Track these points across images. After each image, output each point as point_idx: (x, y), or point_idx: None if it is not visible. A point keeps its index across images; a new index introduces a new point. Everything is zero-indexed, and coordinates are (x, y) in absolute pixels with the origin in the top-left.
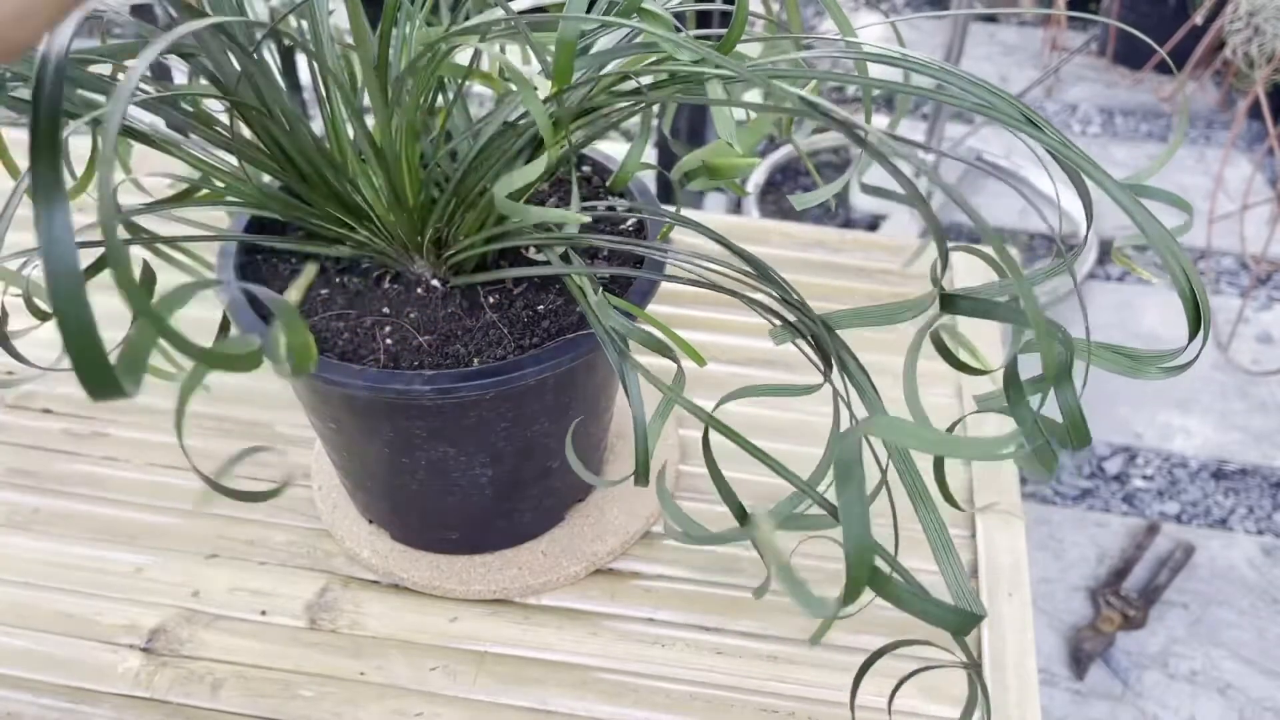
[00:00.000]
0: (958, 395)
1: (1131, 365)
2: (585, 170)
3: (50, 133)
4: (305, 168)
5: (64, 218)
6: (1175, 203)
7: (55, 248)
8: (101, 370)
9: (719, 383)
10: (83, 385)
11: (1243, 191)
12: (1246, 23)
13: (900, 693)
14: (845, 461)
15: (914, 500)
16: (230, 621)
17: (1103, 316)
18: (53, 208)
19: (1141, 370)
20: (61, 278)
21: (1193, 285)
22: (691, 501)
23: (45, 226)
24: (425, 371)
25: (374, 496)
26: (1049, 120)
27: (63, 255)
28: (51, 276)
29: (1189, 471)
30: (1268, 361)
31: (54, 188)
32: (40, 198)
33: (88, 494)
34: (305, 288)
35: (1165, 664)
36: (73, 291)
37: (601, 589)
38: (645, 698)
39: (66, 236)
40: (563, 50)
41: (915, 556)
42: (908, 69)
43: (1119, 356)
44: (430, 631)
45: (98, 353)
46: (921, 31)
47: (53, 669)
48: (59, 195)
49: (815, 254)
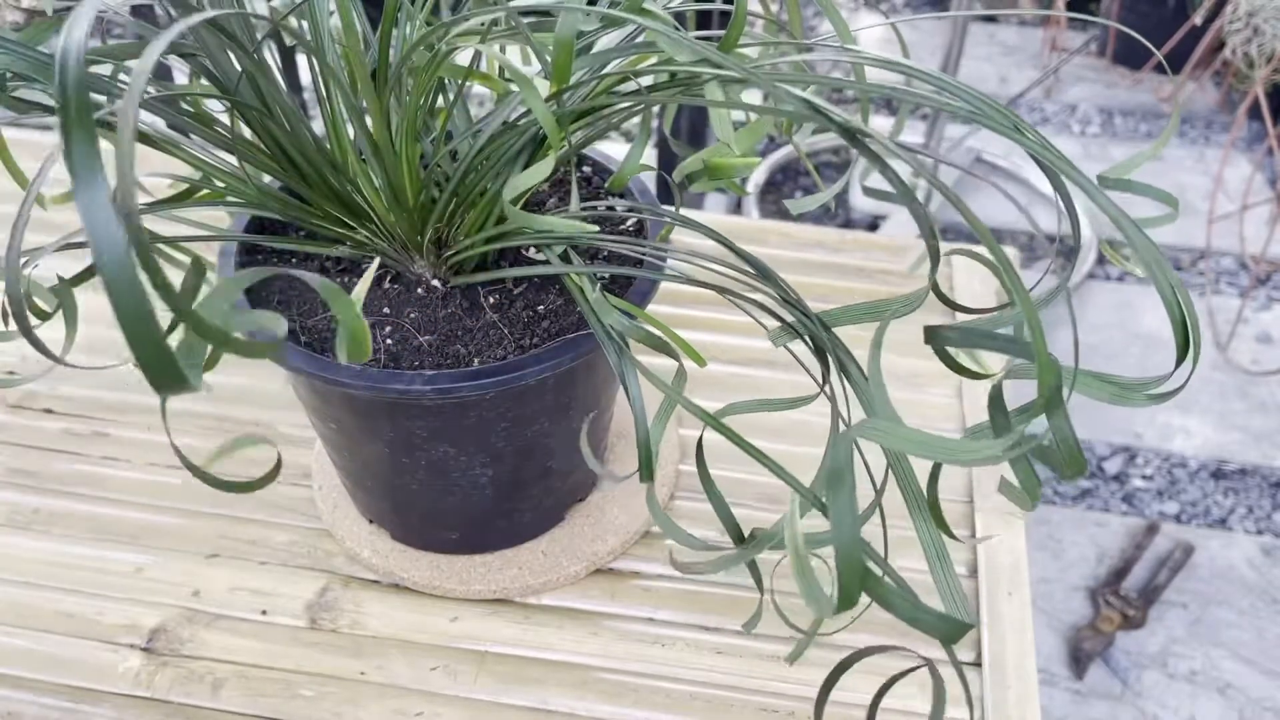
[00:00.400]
0: (958, 395)
1: (1118, 393)
2: (585, 170)
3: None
4: (305, 167)
5: (102, 200)
6: (1161, 198)
7: (99, 231)
8: (167, 362)
9: (719, 383)
10: (147, 377)
11: (1242, 192)
12: (1246, 23)
13: (899, 693)
14: (836, 467)
15: (909, 503)
16: (231, 621)
17: (1102, 316)
18: (92, 188)
19: (1128, 398)
20: (111, 262)
21: (1181, 305)
22: (691, 501)
23: (86, 210)
24: (425, 371)
25: (374, 496)
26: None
27: (109, 238)
28: (101, 263)
29: (1188, 471)
30: (1267, 361)
31: (90, 167)
32: (79, 178)
33: (88, 494)
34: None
35: (1165, 664)
36: (125, 277)
37: (601, 589)
38: (645, 698)
39: (109, 219)
40: (561, 49)
41: (914, 556)
42: (903, 73)
43: (1105, 384)
44: (430, 631)
45: (161, 344)
46: (921, 32)
47: (53, 669)
48: (94, 175)
49: (815, 254)
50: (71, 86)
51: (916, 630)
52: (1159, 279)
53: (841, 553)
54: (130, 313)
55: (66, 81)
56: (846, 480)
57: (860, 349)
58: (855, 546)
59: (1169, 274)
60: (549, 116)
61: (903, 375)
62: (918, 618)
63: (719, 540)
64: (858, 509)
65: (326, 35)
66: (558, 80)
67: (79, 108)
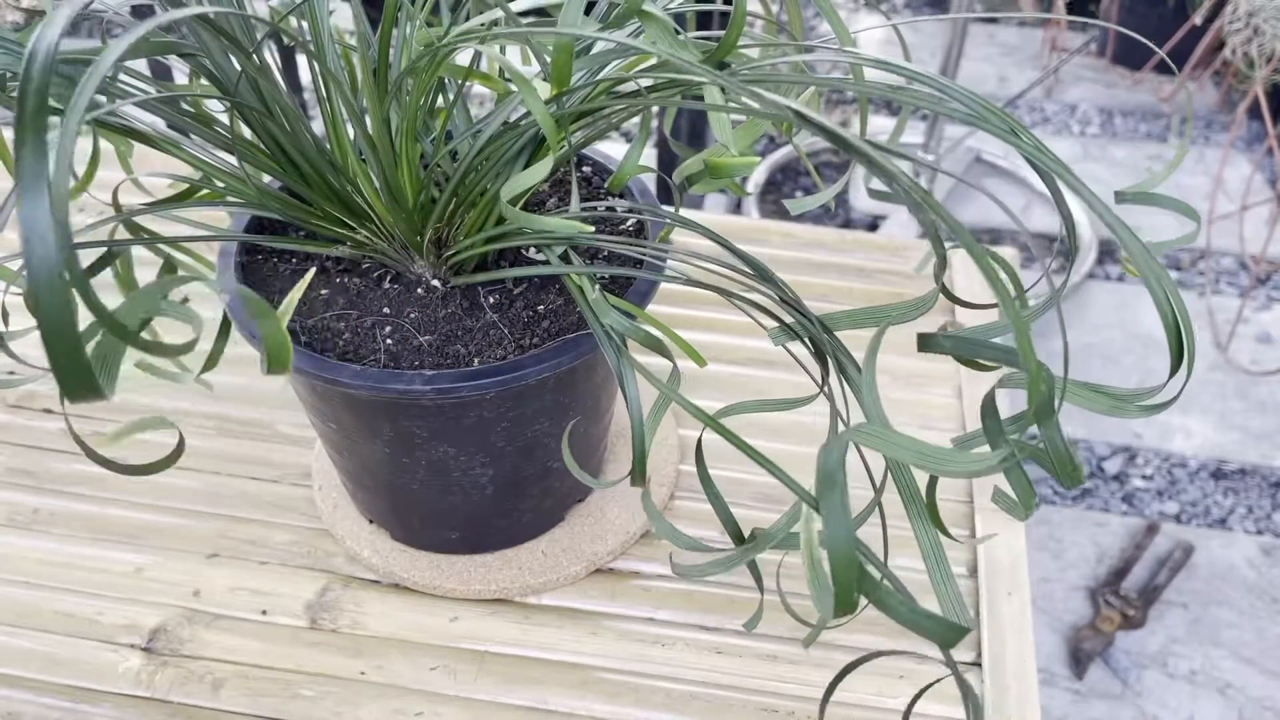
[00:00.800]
0: (958, 395)
1: (1111, 404)
2: (585, 170)
3: (37, 113)
4: (305, 168)
5: (44, 207)
6: (1183, 211)
7: (35, 241)
8: (81, 371)
9: (719, 383)
10: (59, 385)
11: (1242, 192)
12: (1246, 23)
13: (898, 692)
14: (829, 469)
15: (906, 505)
16: (231, 621)
17: (1102, 316)
18: (35, 197)
19: (1121, 409)
20: (41, 273)
21: (1176, 313)
22: (691, 501)
23: (26, 216)
24: (425, 371)
25: (374, 496)
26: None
27: (42, 247)
28: (31, 271)
29: (1188, 471)
30: (1267, 361)
31: (37, 176)
32: (24, 186)
33: (88, 494)
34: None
35: (1165, 664)
36: (52, 287)
37: (601, 589)
38: (645, 697)
39: (46, 228)
40: (561, 52)
41: (915, 555)
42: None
43: (1098, 395)
44: (430, 631)
45: (77, 353)
46: (921, 33)
47: (54, 669)
48: (39, 186)
49: (815, 254)
50: (32, 91)
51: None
52: (1155, 290)
53: (835, 555)
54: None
55: (28, 85)
56: (838, 483)
57: (860, 349)
58: (849, 547)
59: (1167, 282)
60: (548, 118)
61: (903, 375)
62: (915, 621)
63: (719, 540)
64: (850, 512)
65: (326, 35)
66: (557, 83)
67: (34, 111)
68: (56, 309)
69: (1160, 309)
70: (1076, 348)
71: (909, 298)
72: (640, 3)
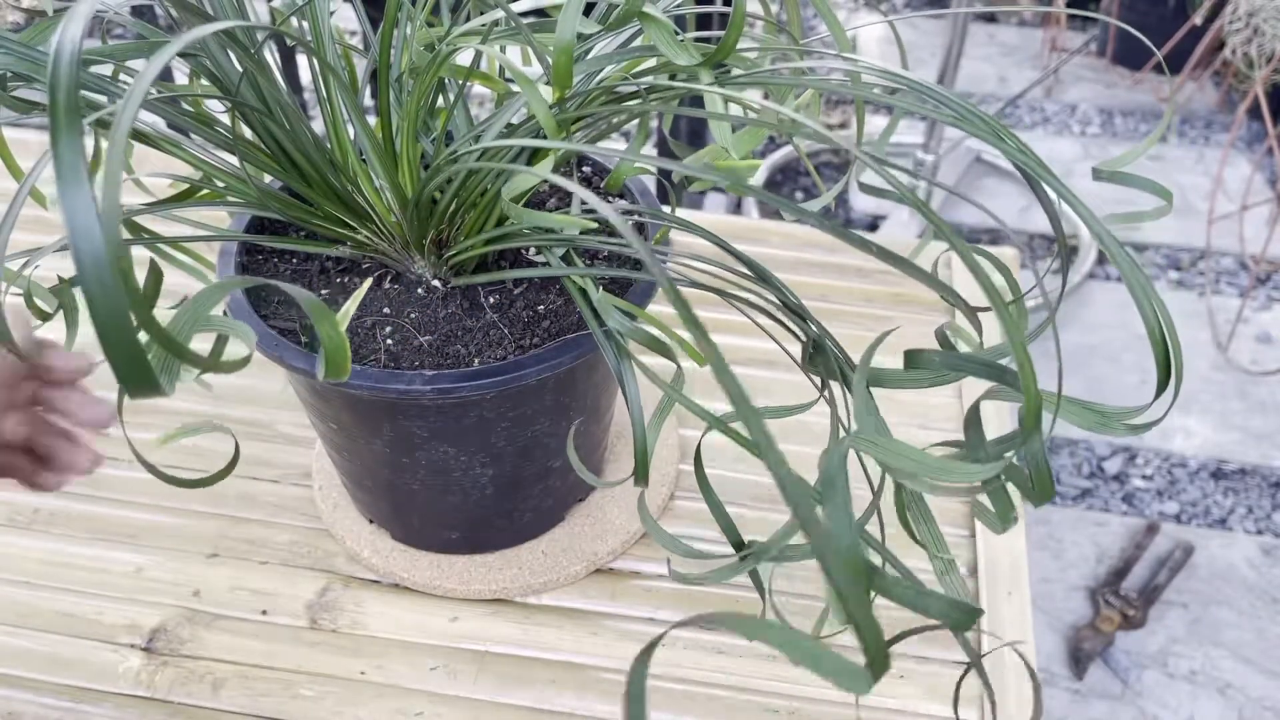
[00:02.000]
0: (958, 395)
1: (1099, 421)
2: (585, 170)
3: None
4: (306, 167)
5: (86, 198)
6: (1154, 190)
7: (81, 232)
8: (140, 369)
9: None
10: (119, 381)
11: (1242, 192)
12: (1246, 23)
13: (899, 693)
14: (830, 475)
15: (906, 506)
16: (231, 621)
17: (1102, 316)
18: (76, 189)
19: (1110, 426)
20: (90, 262)
21: (1163, 328)
22: (692, 501)
23: (70, 209)
24: (426, 371)
25: (375, 496)
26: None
27: (89, 238)
28: (80, 263)
29: (1188, 471)
30: (1267, 361)
31: (75, 170)
32: (63, 180)
33: (88, 494)
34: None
35: (1165, 663)
36: (104, 278)
37: (602, 589)
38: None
39: (90, 218)
40: (562, 53)
41: (915, 556)
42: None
43: (1087, 412)
44: (431, 631)
45: (135, 348)
46: (921, 31)
47: (54, 668)
48: (78, 179)
49: (815, 254)
50: (63, 86)
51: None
52: (1141, 301)
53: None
54: (106, 313)
55: (58, 81)
56: (840, 488)
57: (859, 350)
58: (854, 550)
59: (1149, 289)
60: (550, 119)
61: None
62: (924, 604)
63: (720, 540)
64: (853, 514)
65: (327, 35)
66: (559, 84)
67: (68, 107)
68: (110, 307)
69: (1147, 323)
70: (1077, 347)
71: (907, 296)
72: (640, 4)
